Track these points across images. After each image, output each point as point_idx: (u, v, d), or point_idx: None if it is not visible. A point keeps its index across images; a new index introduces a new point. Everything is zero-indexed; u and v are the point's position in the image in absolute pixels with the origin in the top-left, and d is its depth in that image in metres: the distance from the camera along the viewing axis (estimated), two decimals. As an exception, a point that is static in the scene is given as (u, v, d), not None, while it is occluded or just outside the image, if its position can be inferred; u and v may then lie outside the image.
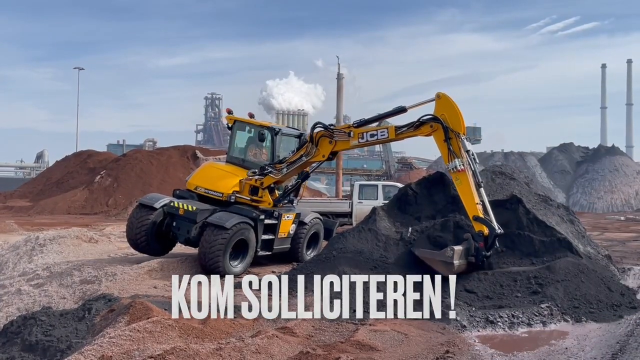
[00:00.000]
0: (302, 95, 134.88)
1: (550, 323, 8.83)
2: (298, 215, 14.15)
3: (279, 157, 13.31)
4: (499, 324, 8.61)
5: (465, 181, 10.59)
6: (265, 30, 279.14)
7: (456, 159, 10.64)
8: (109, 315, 7.75)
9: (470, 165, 10.65)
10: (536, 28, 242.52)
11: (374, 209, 12.71)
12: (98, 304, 8.46)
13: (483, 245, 10.23)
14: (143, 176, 41.26)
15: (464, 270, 10.28)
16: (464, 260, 10.25)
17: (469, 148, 10.78)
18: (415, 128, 11.35)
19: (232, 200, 12.96)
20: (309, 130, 13.21)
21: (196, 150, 46.83)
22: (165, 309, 7.92)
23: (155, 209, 12.87)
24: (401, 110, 11.50)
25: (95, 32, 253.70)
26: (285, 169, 12.92)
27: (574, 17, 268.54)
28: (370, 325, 8.05)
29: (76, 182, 44.09)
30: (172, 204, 12.87)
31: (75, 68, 73.63)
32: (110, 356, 6.10)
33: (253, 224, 12.57)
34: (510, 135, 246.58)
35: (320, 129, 12.46)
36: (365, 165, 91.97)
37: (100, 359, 6.04)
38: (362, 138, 11.97)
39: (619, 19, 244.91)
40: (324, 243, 14.74)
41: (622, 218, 41.65)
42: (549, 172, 68.22)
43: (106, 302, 8.54)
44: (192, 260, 12.76)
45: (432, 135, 11.13)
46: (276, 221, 13.36)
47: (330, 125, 12.51)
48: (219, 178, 13.52)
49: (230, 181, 13.23)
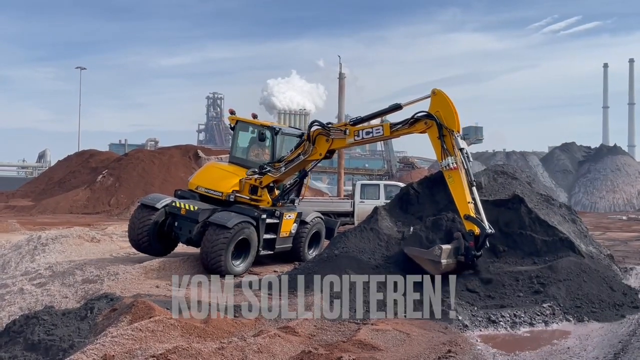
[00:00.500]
0: (304, 95, 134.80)
1: (553, 323, 8.83)
2: (299, 215, 14.16)
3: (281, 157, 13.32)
4: (501, 323, 8.61)
5: (458, 179, 10.51)
6: (267, 30, 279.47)
7: (449, 157, 10.57)
8: (111, 315, 7.76)
9: (464, 164, 10.56)
10: (538, 27, 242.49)
11: (375, 209, 12.71)
12: (100, 303, 8.46)
13: (473, 245, 10.16)
14: (145, 176, 41.27)
15: (453, 270, 10.21)
16: (453, 259, 10.20)
17: (463, 146, 10.69)
18: (410, 125, 11.31)
19: (232, 199, 12.98)
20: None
21: (198, 150, 46.83)
22: (168, 309, 7.93)
23: (157, 209, 12.88)
24: (397, 107, 11.45)
25: (97, 32, 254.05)
26: (283, 168, 12.95)
27: (576, 17, 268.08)
28: (372, 324, 8.05)
29: (78, 182, 44.13)
30: (174, 204, 12.87)
31: (77, 68, 73.68)
32: (113, 355, 6.11)
33: (255, 223, 12.58)
34: (512, 134, 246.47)
35: (317, 127, 12.49)
36: (367, 165, 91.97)
37: (102, 358, 6.04)
38: (358, 136, 11.96)
39: (621, 18, 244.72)
40: (325, 242, 14.75)
41: (624, 217, 41.61)
42: (551, 172, 68.17)
43: (108, 302, 8.54)
44: (194, 259, 12.77)
45: (427, 132, 11.06)
46: (278, 220, 13.38)
47: (328, 124, 12.53)
48: (220, 178, 13.55)
49: (230, 181, 13.26)
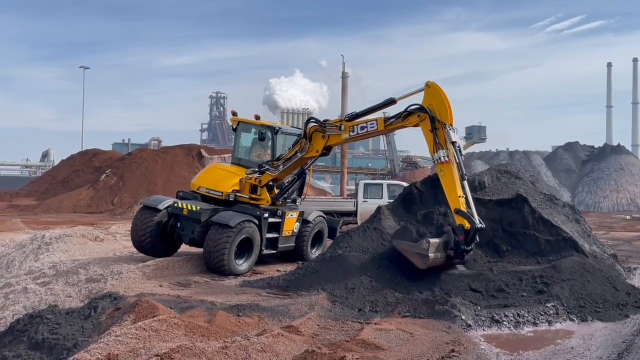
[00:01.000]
0: (308, 94, 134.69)
1: (556, 322, 8.81)
2: (302, 214, 14.20)
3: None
4: (505, 323, 8.59)
5: (449, 173, 10.43)
6: (270, 30, 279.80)
7: (441, 150, 10.49)
8: (114, 314, 7.77)
9: (455, 158, 10.46)
10: (542, 26, 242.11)
11: (379, 208, 12.71)
12: (104, 302, 8.45)
13: (463, 239, 10.10)
14: (148, 175, 41.34)
15: (442, 264, 10.20)
16: (442, 253, 10.13)
17: (455, 139, 10.58)
18: (403, 118, 11.24)
19: (231, 199, 13.05)
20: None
21: (201, 149, 46.89)
22: (171, 308, 7.94)
23: (159, 210, 12.97)
24: (391, 101, 11.39)
25: (101, 32, 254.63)
26: (281, 166, 13.00)
27: (580, 16, 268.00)
28: (375, 324, 8.04)
29: (82, 181, 44.24)
30: (176, 204, 12.95)
31: (80, 67, 73.82)
32: (117, 354, 6.12)
33: (257, 222, 12.62)
34: (515, 134, 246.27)
35: (313, 124, 12.51)
36: (370, 164, 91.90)
37: (106, 357, 6.05)
38: (353, 131, 11.93)
39: (624, 17, 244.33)
40: (328, 242, 14.76)
41: (628, 217, 41.54)
42: (554, 171, 68.07)
43: (112, 301, 8.54)
44: (198, 258, 12.78)
45: (420, 126, 10.97)
46: (280, 219, 13.43)
47: (324, 121, 12.53)
48: (220, 178, 13.63)
49: (230, 181, 13.35)
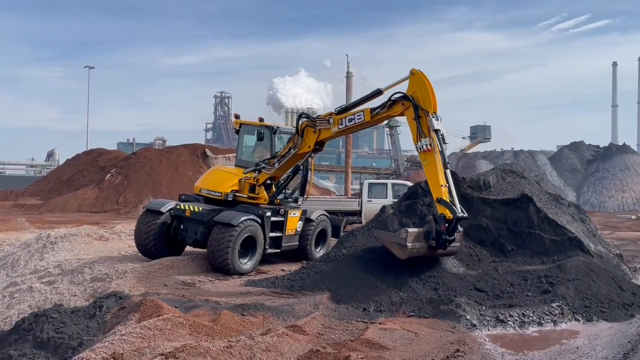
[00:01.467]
0: (312, 92, 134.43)
1: (561, 322, 8.79)
2: (304, 212, 14.25)
3: None
4: (510, 323, 8.57)
5: (432, 162, 10.29)
6: (275, 29, 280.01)
7: (424, 139, 10.36)
8: (119, 313, 7.78)
9: (438, 146, 10.31)
10: (547, 26, 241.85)
11: (383, 208, 12.71)
12: (109, 301, 8.47)
13: (445, 229, 9.94)
14: (153, 174, 41.39)
15: (424, 254, 10.10)
16: (423, 243, 10.01)
17: (437, 127, 10.41)
18: (388, 108, 11.17)
19: (230, 198, 13.21)
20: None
21: (206, 149, 46.92)
22: (176, 307, 7.95)
23: (162, 213, 13.14)
24: (378, 92, 11.34)
25: (106, 32, 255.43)
26: (277, 164, 13.08)
27: (585, 15, 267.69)
28: (380, 323, 8.04)
29: (86, 181, 44.32)
30: (178, 206, 13.15)
31: (85, 67, 74.04)
32: (122, 353, 6.13)
33: (260, 221, 12.70)
34: (520, 133, 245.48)
35: (304, 120, 12.56)
36: (374, 164, 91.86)
37: (111, 356, 6.06)
38: (342, 124, 11.92)
39: (630, 16, 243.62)
40: (332, 241, 14.76)
41: (634, 217, 41.34)
42: (559, 171, 67.83)
43: (117, 300, 8.55)
44: (202, 258, 12.80)
45: (405, 114, 10.88)
46: (283, 218, 13.51)
47: (317, 117, 12.55)
48: (221, 179, 13.83)
49: (229, 181, 13.52)
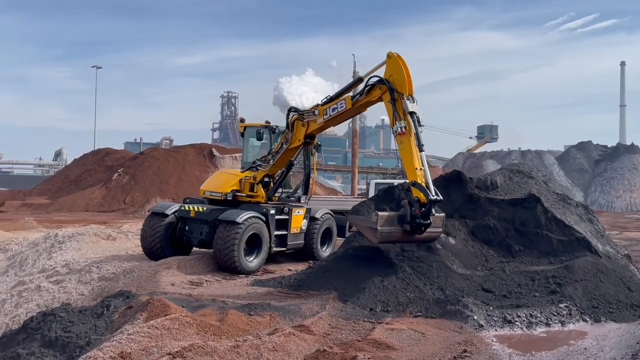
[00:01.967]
0: (320, 92, 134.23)
1: (569, 323, 8.74)
2: (308, 211, 14.32)
3: None
4: (517, 323, 8.54)
5: (408, 145, 10.13)
6: (282, 29, 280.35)
7: (400, 121, 10.24)
8: (127, 312, 7.80)
9: (413, 128, 10.14)
10: (555, 25, 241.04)
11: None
12: (116, 301, 8.49)
13: (419, 213, 9.73)
14: (160, 174, 41.52)
15: (399, 239, 9.96)
16: (396, 227, 9.83)
17: (412, 109, 10.23)
18: (367, 93, 11.13)
19: (229, 198, 13.40)
20: None
21: (212, 149, 47.03)
22: (183, 307, 7.96)
23: (167, 215, 13.33)
24: (359, 80, 11.34)
25: (114, 31, 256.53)
26: (271, 160, 13.24)
27: (593, 15, 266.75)
28: (386, 323, 8.02)
29: (94, 180, 44.49)
30: (183, 208, 13.36)
31: (93, 67, 74.33)
32: (129, 353, 6.15)
33: (264, 218, 12.81)
34: (527, 133, 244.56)
35: (293, 114, 12.70)
36: (381, 164, 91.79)
37: (119, 355, 6.08)
38: (326, 114, 11.98)
39: (638, 16, 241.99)
40: (339, 241, 14.76)
41: (642, 217, 41.14)
42: (567, 171, 67.61)
43: (124, 299, 8.57)
44: (209, 257, 12.83)
45: (382, 98, 10.79)
46: (287, 216, 13.61)
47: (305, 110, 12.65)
48: (222, 181, 14.09)
49: (230, 182, 13.72)
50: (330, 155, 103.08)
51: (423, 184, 9.87)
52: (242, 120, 15.12)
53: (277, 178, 13.73)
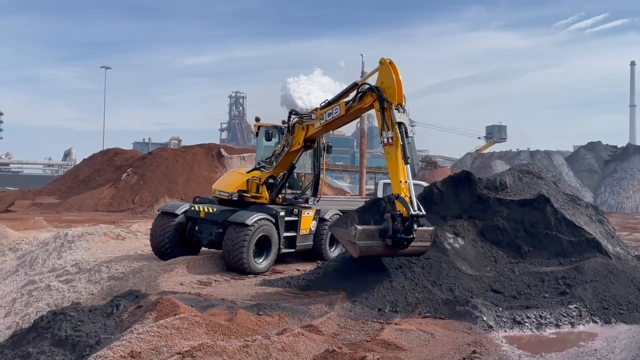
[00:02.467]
0: (328, 92, 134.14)
1: (579, 324, 8.69)
2: (318, 212, 14.30)
3: None
4: (527, 324, 8.50)
5: (394, 156, 9.86)
6: (290, 29, 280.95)
7: (387, 131, 9.97)
8: (136, 312, 7.82)
9: (400, 139, 9.85)
10: (564, 25, 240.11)
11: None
12: (126, 300, 8.52)
13: (400, 227, 9.35)
14: (168, 174, 41.59)
15: (381, 253, 9.67)
16: (377, 241, 9.50)
17: (399, 120, 9.93)
18: (359, 100, 10.94)
19: (235, 198, 13.45)
20: None
21: (221, 149, 47.07)
22: (192, 306, 7.98)
23: (177, 215, 13.32)
24: (354, 85, 11.14)
25: (123, 32, 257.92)
26: (274, 162, 13.23)
27: (603, 14, 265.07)
28: (395, 324, 8.01)
29: (103, 180, 44.64)
30: (193, 208, 13.38)
31: (102, 67, 74.76)
32: (139, 352, 6.17)
33: (274, 220, 12.80)
34: (536, 133, 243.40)
35: (294, 117, 12.72)
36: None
37: (129, 354, 6.10)
38: (323, 119, 11.94)
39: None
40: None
41: (652, 218, 40.88)
42: (576, 171, 67.31)
43: (134, 299, 8.60)
44: (218, 257, 12.86)
45: (374, 106, 10.55)
46: (297, 218, 13.60)
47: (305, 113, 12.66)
48: (232, 180, 14.14)
49: (238, 182, 13.77)
50: (338, 155, 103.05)
51: (407, 198, 9.58)
52: (258, 120, 15.07)
53: (280, 180, 13.72)
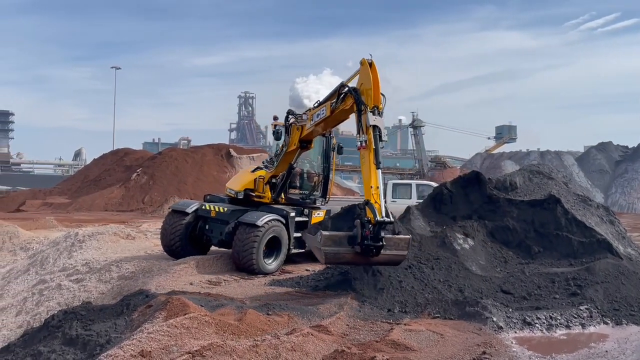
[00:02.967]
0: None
1: (590, 325, 8.65)
2: (328, 213, 14.23)
3: None
4: (537, 325, 8.46)
5: (367, 160, 9.55)
6: (299, 29, 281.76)
7: (362, 135, 9.71)
8: (146, 311, 7.85)
9: (373, 143, 9.55)
10: (575, 25, 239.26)
11: (408, 208, 12.61)
12: (136, 299, 8.56)
13: (369, 234, 9.01)
14: (178, 174, 41.74)
15: (351, 260, 9.34)
16: (345, 248, 9.13)
17: (373, 123, 9.62)
18: (342, 101, 10.70)
19: (240, 197, 13.43)
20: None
21: (230, 149, 47.17)
22: (202, 306, 8.00)
23: (188, 213, 13.32)
24: (341, 86, 10.90)
25: (133, 32, 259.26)
26: (275, 162, 13.29)
27: (615, 14, 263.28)
28: (405, 324, 8.00)
29: (113, 180, 44.85)
30: (204, 207, 13.36)
31: (112, 67, 75.04)
32: (149, 351, 6.19)
33: (284, 221, 12.76)
34: (546, 133, 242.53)
35: (291, 117, 12.70)
36: (398, 164, 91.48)
37: (139, 353, 6.12)
38: (312, 120, 11.92)
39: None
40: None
41: (663, 219, 40.55)
42: (587, 172, 66.96)
43: (144, 298, 8.63)
44: (227, 257, 12.87)
45: (354, 107, 10.24)
46: (307, 218, 13.56)
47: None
48: (242, 178, 14.12)
49: (246, 180, 13.75)
50: (347, 155, 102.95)
51: (377, 204, 9.29)
52: (276, 118, 14.86)
53: (280, 181, 13.70)
